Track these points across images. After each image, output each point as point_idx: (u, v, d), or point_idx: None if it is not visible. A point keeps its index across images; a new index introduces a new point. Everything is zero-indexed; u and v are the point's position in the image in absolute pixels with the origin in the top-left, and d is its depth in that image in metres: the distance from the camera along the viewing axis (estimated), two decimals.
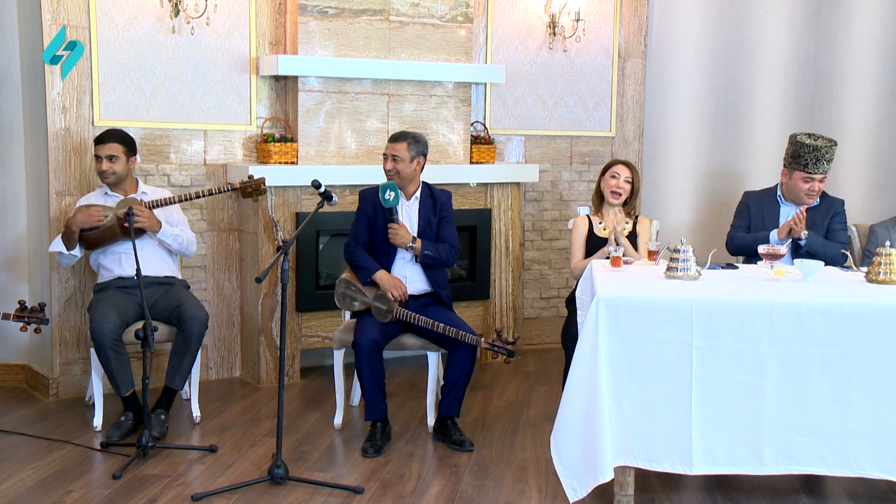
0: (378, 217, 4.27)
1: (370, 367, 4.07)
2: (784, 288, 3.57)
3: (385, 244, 4.28)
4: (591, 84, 5.91)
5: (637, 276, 3.77)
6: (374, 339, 4.08)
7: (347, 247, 4.31)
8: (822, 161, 4.56)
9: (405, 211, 4.33)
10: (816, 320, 3.33)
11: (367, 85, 5.18)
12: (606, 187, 4.49)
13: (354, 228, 4.33)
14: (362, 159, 5.20)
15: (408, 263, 4.31)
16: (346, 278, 4.31)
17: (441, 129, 5.38)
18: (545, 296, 5.99)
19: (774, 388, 3.33)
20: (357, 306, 4.25)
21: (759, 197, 4.76)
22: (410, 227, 4.30)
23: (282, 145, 4.98)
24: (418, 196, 4.35)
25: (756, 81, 6.04)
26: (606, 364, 3.35)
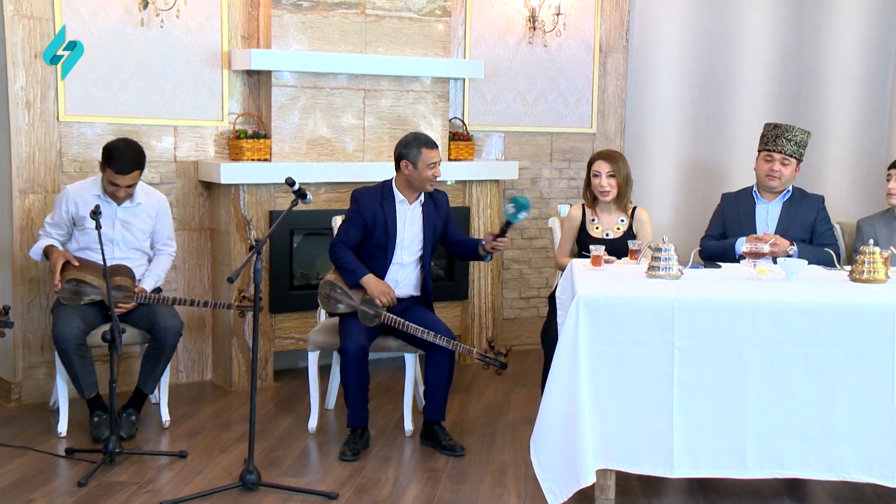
0: (377, 220, 4.18)
1: (357, 374, 4.05)
2: (767, 287, 3.57)
3: (382, 249, 4.21)
4: (572, 79, 5.91)
5: (618, 276, 3.76)
6: (362, 345, 4.05)
7: (334, 247, 4.23)
8: (781, 139, 4.54)
9: (409, 217, 4.25)
10: (799, 320, 3.33)
11: (343, 80, 5.15)
12: (593, 187, 4.43)
13: (344, 229, 4.24)
14: (338, 156, 5.17)
15: (403, 268, 4.27)
16: (331, 280, 4.24)
17: (419, 125, 5.36)
18: (525, 295, 5.98)
19: (757, 389, 3.33)
20: (342, 309, 4.21)
21: (736, 198, 4.73)
22: (413, 232, 4.24)
23: (255, 142, 4.94)
24: (421, 200, 4.27)
25: (739, 77, 6.06)
26: (587, 365, 3.34)
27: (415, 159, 4.14)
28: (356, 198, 4.24)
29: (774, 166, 4.55)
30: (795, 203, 4.60)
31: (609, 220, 4.46)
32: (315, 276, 5.25)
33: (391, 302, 4.14)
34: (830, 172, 6.09)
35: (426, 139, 4.19)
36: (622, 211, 4.46)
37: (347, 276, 4.18)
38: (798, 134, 4.56)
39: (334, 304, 4.22)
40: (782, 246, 4.33)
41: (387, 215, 4.20)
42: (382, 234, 4.20)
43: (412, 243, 4.26)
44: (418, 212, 4.27)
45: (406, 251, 4.26)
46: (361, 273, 4.15)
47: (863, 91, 6.05)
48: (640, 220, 4.48)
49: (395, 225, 4.21)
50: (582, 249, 4.37)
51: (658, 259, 3.67)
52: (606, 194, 4.40)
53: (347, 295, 4.18)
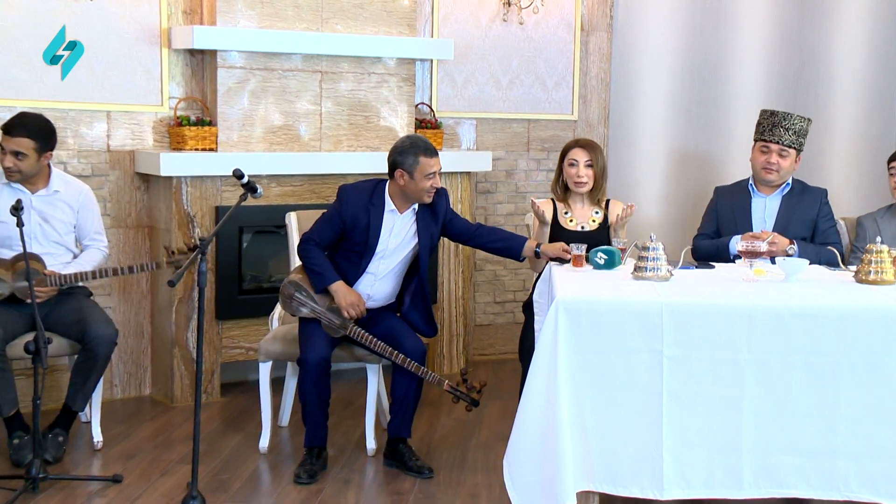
0: (359, 224, 4.11)
1: (317, 389, 4.03)
2: (765, 290, 3.60)
3: (357, 256, 4.17)
4: (551, 61, 5.93)
5: (601, 278, 3.77)
6: (324, 356, 4.04)
7: (304, 244, 4.18)
8: (778, 128, 4.58)
9: (397, 227, 4.17)
10: (800, 325, 3.35)
11: (297, 61, 5.13)
12: (568, 177, 4.47)
13: (319, 227, 4.19)
14: (291, 145, 5.15)
15: (378, 281, 4.24)
16: (296, 280, 4.21)
17: (382, 111, 5.35)
18: (499, 300, 5.99)
19: (754, 401, 3.35)
20: (304, 313, 4.19)
21: (730, 192, 4.76)
22: (396, 244, 4.18)
23: (198, 129, 4.91)
24: (415, 208, 4.20)
25: (734, 58, 6.11)
26: (567, 376, 3.35)
27: (411, 169, 4.03)
28: (341, 195, 4.17)
29: (771, 158, 4.59)
30: (796, 197, 4.64)
31: (583, 213, 4.48)
32: (267, 278, 5.23)
33: (360, 315, 4.12)
34: (834, 164, 6.16)
35: (425, 146, 4.06)
36: (595, 203, 4.50)
37: (315, 279, 4.14)
38: (797, 122, 4.60)
39: (296, 306, 4.19)
40: (781, 245, 4.36)
41: (371, 222, 4.13)
42: (361, 241, 4.15)
43: (393, 255, 4.22)
44: (409, 222, 4.20)
45: (384, 262, 4.22)
46: (331, 278, 4.12)
47: (870, 73, 6.12)
48: (614, 211, 4.50)
49: (379, 234, 4.14)
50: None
51: (645, 259, 3.68)
52: (582, 185, 4.42)
53: (312, 299, 4.16)
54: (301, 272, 4.23)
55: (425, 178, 4.04)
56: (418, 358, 4.09)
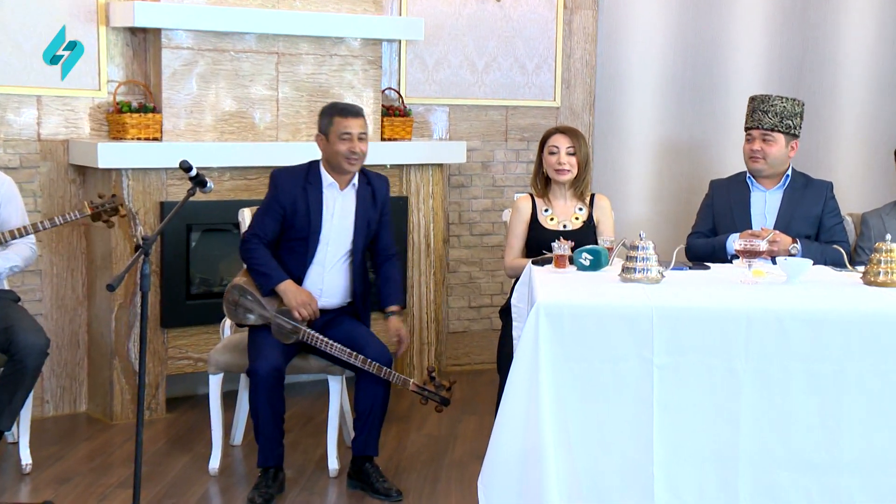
0: (299, 208, 4.19)
1: (269, 401, 4.04)
2: (764, 292, 3.63)
3: (302, 245, 4.22)
4: (531, 42, 5.96)
5: (586, 280, 3.80)
6: (276, 365, 4.05)
7: (245, 243, 4.23)
8: (757, 112, 4.65)
9: (339, 206, 4.26)
10: (802, 331, 3.39)
11: (252, 41, 5.14)
12: (548, 166, 4.51)
13: (259, 220, 4.24)
14: (245, 134, 5.15)
15: (328, 272, 4.28)
16: (240, 284, 4.24)
17: (345, 97, 5.36)
18: (475, 304, 6.02)
19: (752, 412, 3.39)
20: (252, 320, 4.20)
21: (727, 186, 4.80)
22: (343, 226, 4.26)
23: (141, 116, 4.91)
24: (355, 184, 4.29)
25: (732, 39, 6.15)
26: (549, 387, 3.37)
27: (327, 130, 4.19)
28: (274, 180, 4.25)
29: (755, 146, 4.66)
30: (798, 191, 4.68)
31: (565, 209, 4.51)
32: (218, 282, 5.23)
33: (313, 315, 4.15)
34: (840, 154, 6.21)
35: (343, 106, 4.25)
36: (578, 198, 4.53)
37: (261, 281, 4.18)
38: (777, 103, 4.65)
39: (243, 313, 4.21)
40: (783, 243, 4.40)
41: (310, 202, 4.21)
42: (304, 226, 4.21)
43: (340, 238, 4.28)
44: (351, 199, 4.28)
45: (331, 249, 4.27)
46: (278, 278, 4.16)
47: (880, 54, 6.16)
48: (600, 207, 4.54)
49: (321, 215, 4.22)
50: (536, 247, 4.37)
51: (634, 259, 3.71)
52: (564, 173, 4.45)
53: (260, 303, 4.18)
54: (246, 275, 4.25)
55: (340, 139, 4.16)
56: (385, 364, 4.12)
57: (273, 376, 4.02)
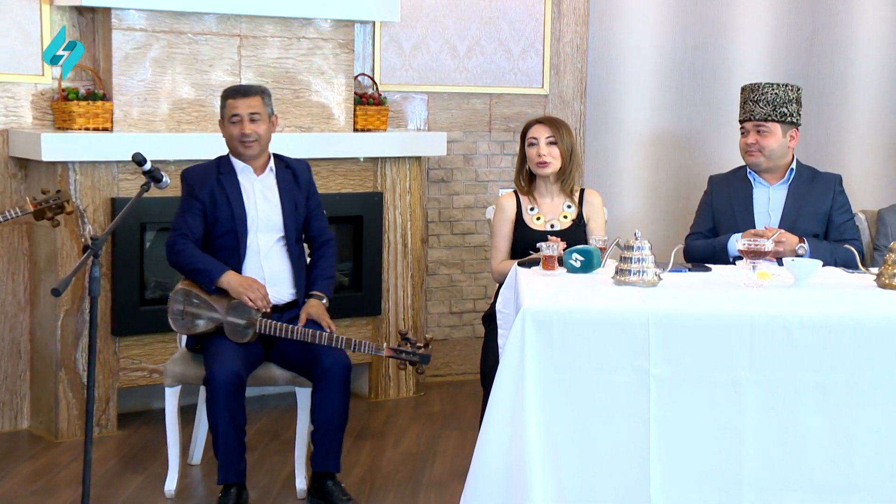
0: (218, 200, 4.26)
1: (229, 411, 4.02)
2: (769, 296, 3.65)
3: (232, 237, 4.26)
4: (517, 24, 5.96)
5: (577, 283, 3.80)
6: (235, 371, 4.04)
7: (173, 246, 4.27)
8: (748, 103, 4.67)
9: (258, 190, 4.34)
10: (811, 339, 3.39)
11: (211, 22, 5.12)
12: (529, 160, 4.50)
13: (181, 221, 4.29)
14: (205, 124, 5.13)
15: (266, 258, 4.31)
16: (182, 288, 4.26)
17: (314, 83, 5.35)
18: (456, 310, 6.01)
19: (757, 428, 3.39)
20: (203, 326, 4.20)
21: (727, 182, 4.81)
22: (269, 209, 4.32)
23: (89, 105, 4.89)
24: (272, 167, 4.38)
25: (735, 20, 6.17)
26: (536, 399, 3.37)
27: (222, 113, 4.32)
28: (186, 179, 4.33)
29: (749, 138, 4.67)
30: (805, 186, 4.69)
31: (552, 207, 4.51)
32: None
33: (264, 300, 4.16)
34: (852, 146, 6.24)
35: (237, 87, 4.39)
36: (566, 195, 4.53)
37: (202, 278, 4.21)
38: (768, 91, 4.66)
39: (191, 321, 4.21)
40: (789, 243, 4.42)
41: (228, 192, 4.29)
42: (228, 217, 4.27)
43: (269, 224, 4.33)
44: (271, 182, 4.37)
45: (262, 236, 4.32)
46: (219, 270, 4.20)
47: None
48: (590, 203, 4.54)
49: (242, 201, 4.30)
50: (522, 250, 4.36)
51: (629, 260, 3.71)
52: (545, 166, 4.46)
53: (208, 304, 4.18)
54: (187, 280, 4.27)
55: (230, 122, 4.27)
56: (340, 375, 4.12)
57: (232, 382, 4.01)
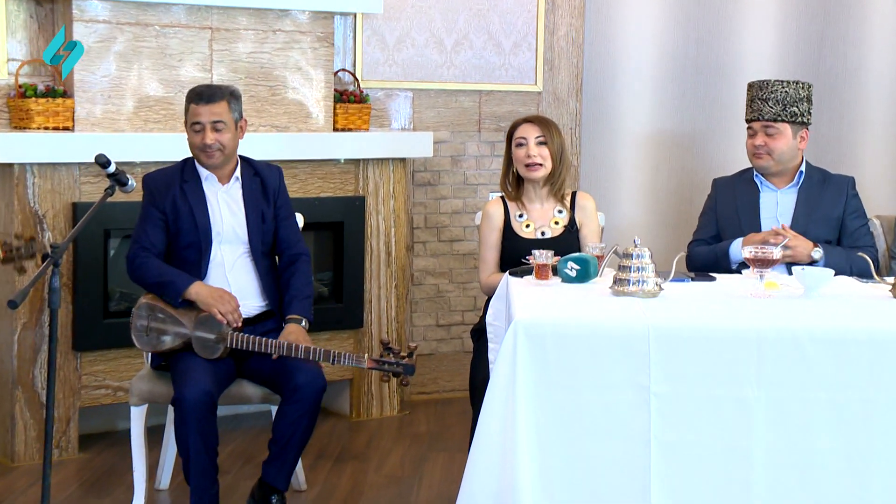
0: (181, 210, 4.24)
1: (200, 434, 4.00)
2: (778, 308, 3.64)
3: (195, 250, 4.24)
4: (508, 16, 5.96)
5: (572, 293, 3.80)
6: (206, 390, 4.01)
7: (133, 259, 4.25)
8: (756, 101, 4.67)
9: (223, 201, 4.32)
10: (824, 354, 3.39)
11: (181, 14, 5.11)
12: (517, 162, 4.49)
13: (141, 232, 4.27)
14: (174, 123, 5.12)
15: (232, 271, 4.29)
16: (146, 303, 4.23)
17: (291, 79, 5.34)
18: (444, 322, 6.00)
19: (766, 450, 3.38)
20: (169, 342, 4.18)
21: (732, 185, 4.80)
22: (235, 222, 4.31)
23: (49, 102, 4.88)
24: (238, 177, 4.36)
25: (741, 12, 6.18)
26: (528, 418, 3.36)
27: (185, 118, 4.31)
28: (147, 185, 4.30)
29: (757, 140, 4.66)
30: (815, 188, 4.68)
31: (542, 214, 4.50)
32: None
33: (235, 312, 4.14)
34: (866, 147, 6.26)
35: (199, 90, 4.29)
36: (557, 199, 4.52)
37: (168, 291, 4.19)
38: (778, 89, 4.65)
39: (156, 337, 4.19)
40: (802, 249, 4.40)
41: (191, 201, 4.27)
42: (191, 228, 4.25)
43: (233, 237, 4.32)
44: (237, 193, 4.35)
45: (227, 249, 4.31)
46: (185, 282, 4.18)
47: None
48: (583, 208, 4.53)
49: (207, 211, 4.28)
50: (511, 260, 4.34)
51: (628, 270, 3.71)
52: (536, 168, 4.44)
53: (174, 319, 4.16)
54: (151, 295, 4.26)
55: (192, 130, 4.25)
56: (311, 396, 4.10)
57: (203, 403, 3.99)
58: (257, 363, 4.21)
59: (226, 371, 4.19)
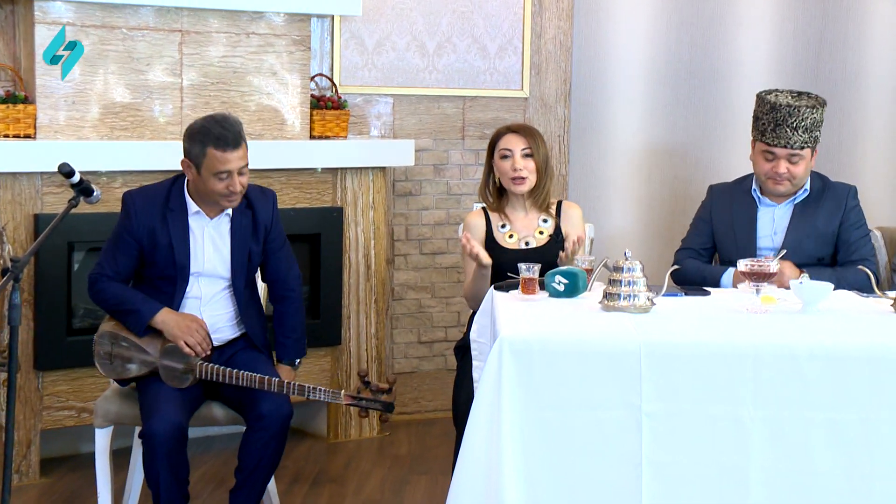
0: (159, 242, 4.16)
1: (171, 467, 3.99)
2: (775, 324, 3.65)
3: (169, 283, 4.18)
4: (493, 19, 5.98)
5: (560, 309, 3.80)
6: (177, 423, 3.99)
7: (95, 283, 4.20)
8: (783, 127, 4.52)
9: (209, 237, 4.23)
10: (822, 371, 3.40)
11: (149, 16, 5.11)
12: (501, 174, 4.50)
13: (109, 257, 4.21)
14: (142, 130, 5.12)
15: (208, 304, 4.25)
16: (109, 330, 4.21)
17: (266, 85, 5.35)
18: (426, 339, 6.00)
19: (762, 471, 3.39)
20: (135, 370, 4.17)
21: (730, 193, 4.77)
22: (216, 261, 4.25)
23: (9, 108, 4.88)
24: (229, 211, 4.25)
25: (737, 17, 6.21)
26: (515, 439, 3.36)
27: (198, 161, 4.10)
28: (126, 205, 4.20)
29: (780, 168, 4.56)
30: (812, 202, 4.64)
31: (526, 224, 4.50)
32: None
33: (204, 342, 4.13)
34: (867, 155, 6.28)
35: (219, 133, 4.08)
36: (540, 209, 4.53)
37: (131, 320, 4.15)
38: (807, 115, 4.53)
39: (121, 365, 4.17)
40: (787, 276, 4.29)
41: (172, 234, 4.17)
42: (168, 265, 4.19)
43: (215, 272, 4.27)
44: (224, 229, 4.26)
45: (205, 283, 4.27)
46: (151, 310, 4.13)
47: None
48: (569, 217, 4.53)
49: (188, 248, 4.19)
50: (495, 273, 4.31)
51: (618, 284, 3.72)
52: (522, 182, 4.45)
53: (139, 348, 4.14)
54: (113, 321, 4.24)
55: (215, 177, 4.08)
56: (277, 424, 4.08)
57: (174, 437, 3.96)
58: (226, 388, 4.17)
59: (194, 395, 4.17)
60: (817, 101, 4.63)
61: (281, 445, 4.15)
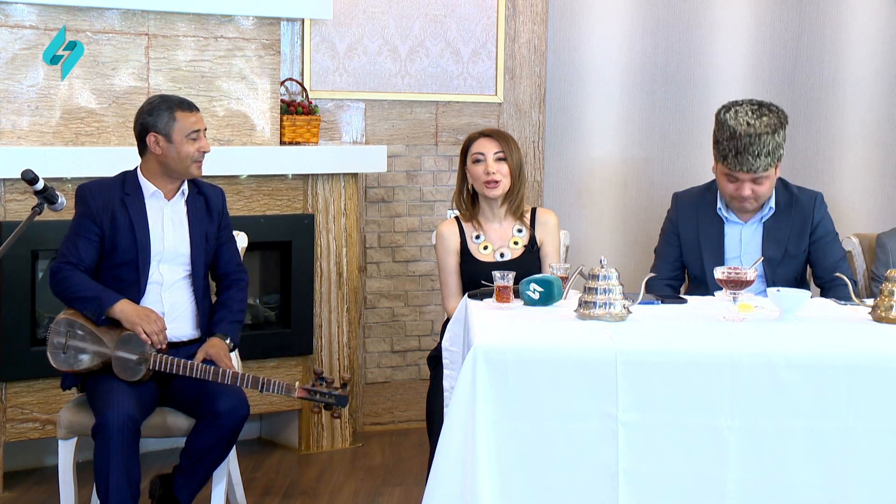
0: (120, 225, 4.23)
1: (123, 462, 3.97)
2: (752, 332, 3.66)
3: (132, 269, 4.24)
4: (467, 22, 5.98)
5: (535, 317, 3.81)
6: (130, 414, 3.99)
7: (57, 273, 4.22)
8: (745, 155, 4.41)
9: (167, 217, 4.31)
10: (800, 380, 3.41)
11: (114, 19, 5.10)
12: (474, 179, 4.51)
13: (70, 246, 4.25)
14: (107, 136, 5.11)
15: (169, 290, 4.30)
16: (66, 318, 4.21)
17: (235, 90, 5.34)
18: (399, 348, 6.00)
19: (740, 481, 3.39)
20: (87, 362, 4.17)
21: (694, 204, 4.70)
22: (177, 239, 4.32)
23: None
24: (184, 191, 4.37)
25: (713, 22, 6.23)
26: (489, 450, 3.36)
27: (168, 129, 4.23)
28: (82, 195, 4.27)
29: (744, 191, 4.50)
30: (781, 220, 4.61)
31: (501, 233, 4.51)
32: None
33: (160, 333, 4.15)
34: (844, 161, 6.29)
35: (179, 99, 4.32)
36: (515, 217, 4.53)
37: (90, 307, 4.17)
38: (768, 142, 4.42)
39: (74, 356, 4.17)
40: None
41: (133, 216, 4.26)
42: (130, 246, 4.25)
43: (174, 257, 4.33)
44: (181, 210, 4.36)
45: (166, 269, 4.31)
46: (110, 299, 4.17)
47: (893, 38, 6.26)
48: (543, 224, 4.54)
49: (147, 228, 4.27)
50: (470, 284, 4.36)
51: (594, 291, 3.72)
52: (495, 186, 4.45)
53: (94, 337, 4.15)
54: (72, 310, 4.24)
55: (187, 138, 4.24)
56: (231, 425, 4.12)
57: (127, 428, 3.97)
58: (180, 384, 4.20)
59: (148, 396, 4.18)
60: (779, 118, 4.51)
61: (230, 445, 4.19)
